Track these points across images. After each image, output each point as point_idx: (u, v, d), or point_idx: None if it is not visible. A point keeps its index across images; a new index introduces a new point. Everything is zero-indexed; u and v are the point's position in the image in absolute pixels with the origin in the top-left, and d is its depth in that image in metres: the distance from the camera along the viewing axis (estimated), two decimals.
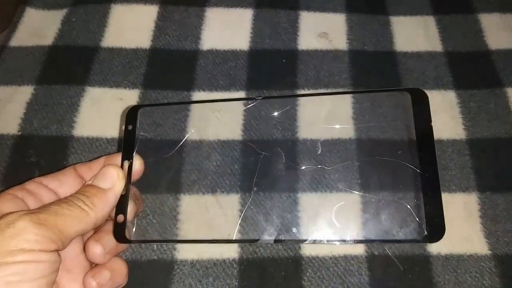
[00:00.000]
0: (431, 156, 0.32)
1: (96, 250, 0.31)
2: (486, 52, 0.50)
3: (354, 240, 0.36)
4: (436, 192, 0.31)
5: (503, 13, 0.52)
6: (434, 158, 0.32)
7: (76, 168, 0.34)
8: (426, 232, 0.31)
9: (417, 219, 0.34)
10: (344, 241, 0.35)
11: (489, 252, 0.39)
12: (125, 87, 0.48)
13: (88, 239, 0.32)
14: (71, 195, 0.30)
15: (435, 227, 0.30)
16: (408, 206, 0.35)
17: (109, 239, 0.32)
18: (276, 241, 0.37)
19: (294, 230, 0.38)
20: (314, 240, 0.34)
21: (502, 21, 0.52)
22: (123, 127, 0.36)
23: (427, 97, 0.34)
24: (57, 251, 0.27)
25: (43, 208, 0.28)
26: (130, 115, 0.36)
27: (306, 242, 0.35)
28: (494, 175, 0.42)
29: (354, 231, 0.37)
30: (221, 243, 0.39)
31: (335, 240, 0.35)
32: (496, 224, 0.40)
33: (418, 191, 0.32)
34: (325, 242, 0.35)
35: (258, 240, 0.37)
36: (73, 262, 0.32)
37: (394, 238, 0.36)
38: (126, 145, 0.35)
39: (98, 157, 0.36)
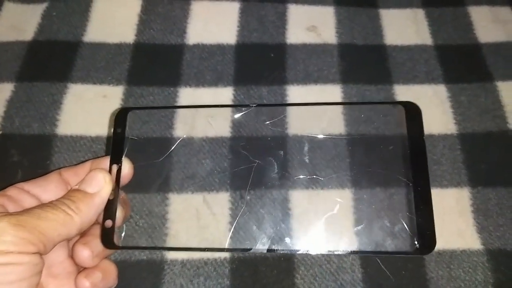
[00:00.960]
0: (424, 170, 0.33)
1: (84, 253, 0.31)
2: (476, 45, 0.49)
3: (346, 251, 0.36)
4: (427, 205, 0.32)
5: (492, 6, 0.52)
6: (427, 172, 0.33)
7: (61, 172, 0.34)
8: (417, 245, 0.32)
9: (409, 231, 0.35)
10: (336, 252, 0.36)
11: (482, 247, 0.39)
12: (109, 84, 0.46)
13: (76, 243, 0.32)
14: (56, 199, 0.30)
15: (426, 240, 0.31)
16: (400, 218, 0.36)
17: (97, 243, 0.32)
18: (269, 250, 0.37)
19: (287, 240, 0.38)
20: (307, 251, 0.35)
21: (491, 14, 0.51)
22: (112, 129, 0.35)
23: (420, 111, 0.35)
24: (38, 254, 0.26)
25: (25, 210, 0.27)
26: (119, 118, 0.36)
27: (298, 252, 0.36)
28: (485, 169, 0.42)
29: (346, 242, 0.38)
30: (213, 251, 0.39)
31: (327, 252, 0.36)
32: (488, 218, 0.40)
33: (410, 203, 0.33)
34: (318, 253, 0.37)
35: (251, 249, 0.37)
36: (59, 268, 0.31)
37: (385, 249, 0.36)
38: (114, 148, 0.34)
39: (84, 161, 0.35)
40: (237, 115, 0.43)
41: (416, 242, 0.32)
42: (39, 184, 0.32)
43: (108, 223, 0.32)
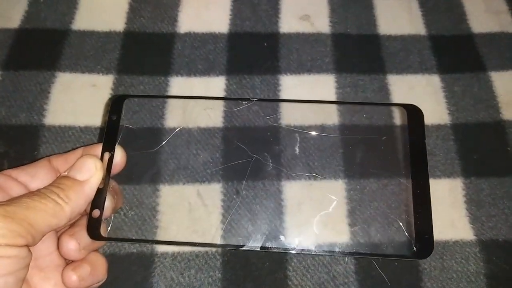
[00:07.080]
0: (424, 172, 0.33)
1: (70, 245, 0.29)
2: (470, 35, 0.49)
3: (342, 252, 0.36)
4: (426, 208, 0.32)
5: None
6: (427, 174, 0.33)
7: (50, 160, 0.32)
8: (414, 248, 0.31)
9: (407, 234, 0.35)
10: (331, 252, 0.35)
11: (474, 237, 0.39)
12: (98, 73, 0.45)
13: (62, 234, 0.30)
14: (44, 187, 0.28)
15: (424, 244, 0.31)
16: (398, 221, 0.36)
17: (84, 234, 0.31)
18: (262, 248, 0.35)
19: (281, 237, 0.37)
20: (302, 250, 0.34)
21: (485, 4, 0.51)
22: (107, 116, 0.34)
23: (423, 114, 0.35)
24: (26, 246, 0.25)
25: (12, 200, 0.26)
26: (115, 105, 0.35)
27: (292, 251, 0.35)
28: (478, 160, 0.42)
29: (341, 241, 0.38)
30: (204, 246, 0.38)
31: (322, 252, 0.35)
32: (481, 209, 0.40)
33: (409, 206, 0.33)
34: (313, 253, 0.35)
35: (243, 246, 0.35)
36: (46, 260, 0.30)
37: (382, 252, 0.37)
38: (108, 136, 0.33)
39: (75, 148, 0.34)
40: (236, 109, 0.42)
41: (414, 246, 0.31)
42: (28, 172, 0.31)
43: (96, 213, 0.31)
